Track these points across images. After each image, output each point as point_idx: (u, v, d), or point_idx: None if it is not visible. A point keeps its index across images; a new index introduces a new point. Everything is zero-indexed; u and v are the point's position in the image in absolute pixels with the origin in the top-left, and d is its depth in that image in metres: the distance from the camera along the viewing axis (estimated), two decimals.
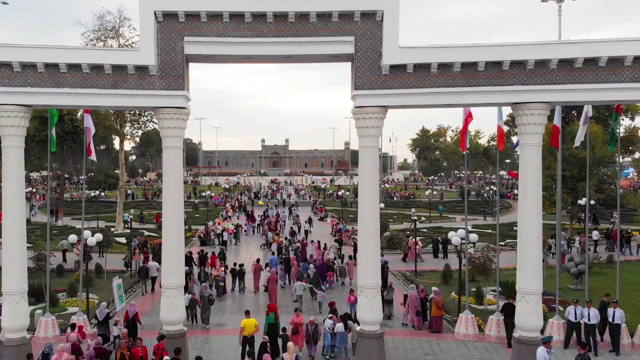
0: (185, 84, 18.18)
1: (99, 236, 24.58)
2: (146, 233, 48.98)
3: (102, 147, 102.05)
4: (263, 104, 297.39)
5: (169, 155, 18.59)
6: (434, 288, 23.99)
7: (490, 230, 53.19)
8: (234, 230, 46.85)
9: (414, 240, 40.10)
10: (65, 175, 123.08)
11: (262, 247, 41.41)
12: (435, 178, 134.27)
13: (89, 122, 22.13)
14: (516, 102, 18.10)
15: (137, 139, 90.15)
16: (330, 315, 20.60)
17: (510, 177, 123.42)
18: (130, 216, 48.80)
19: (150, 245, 35.93)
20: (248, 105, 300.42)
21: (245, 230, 51.42)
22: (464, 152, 24.29)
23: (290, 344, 17.52)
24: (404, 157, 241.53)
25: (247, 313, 20.25)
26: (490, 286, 29.56)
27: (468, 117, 22.25)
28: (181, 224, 19.01)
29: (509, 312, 20.66)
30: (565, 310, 21.62)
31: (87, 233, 23.72)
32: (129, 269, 33.45)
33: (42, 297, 24.40)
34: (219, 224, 49.20)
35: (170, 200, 18.57)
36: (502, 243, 44.06)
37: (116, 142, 63.35)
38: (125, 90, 17.96)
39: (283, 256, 35.71)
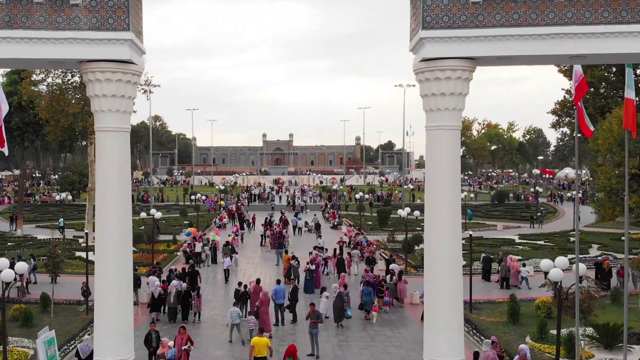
0: (131, 20, 11.46)
1: (22, 267, 17.70)
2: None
3: (84, 143, 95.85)
4: (264, 96, 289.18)
5: (104, 143, 11.89)
6: (522, 346, 17.20)
7: (542, 242, 46.39)
8: (229, 245, 39.75)
9: (516, 259, 33.97)
10: (38, 174, 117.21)
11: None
12: (467, 177, 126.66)
13: None
14: None
15: None
16: None
17: (545, 174, 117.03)
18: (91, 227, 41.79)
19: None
20: (248, 98, 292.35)
21: (234, 238, 44.08)
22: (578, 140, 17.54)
23: None
24: (419, 153, 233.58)
25: (261, 331, 19.98)
26: (585, 328, 22.60)
27: (581, 86, 15.39)
28: (129, 252, 12.37)
29: None
30: None
31: (3, 262, 17.02)
32: (86, 300, 26.82)
33: None
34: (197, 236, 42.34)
35: (105, 213, 11.90)
36: None
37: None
38: (28, 32, 11.28)
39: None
